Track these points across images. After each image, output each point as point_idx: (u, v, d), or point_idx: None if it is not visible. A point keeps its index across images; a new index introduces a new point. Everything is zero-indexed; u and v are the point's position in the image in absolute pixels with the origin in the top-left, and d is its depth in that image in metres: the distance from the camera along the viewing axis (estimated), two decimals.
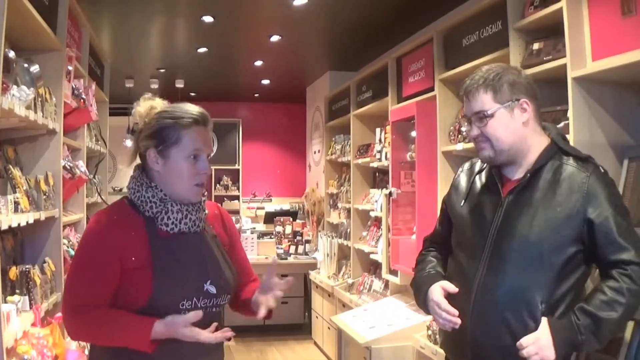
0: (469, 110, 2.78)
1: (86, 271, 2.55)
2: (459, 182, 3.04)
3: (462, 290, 2.77)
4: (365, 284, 7.37)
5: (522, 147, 2.74)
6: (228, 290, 2.73)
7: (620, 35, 3.33)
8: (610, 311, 2.48)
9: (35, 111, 3.83)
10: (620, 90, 3.66)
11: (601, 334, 2.50)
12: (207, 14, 7.00)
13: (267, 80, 11.27)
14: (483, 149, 2.77)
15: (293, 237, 10.45)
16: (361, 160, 7.71)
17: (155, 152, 2.63)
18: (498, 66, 2.79)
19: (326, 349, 8.57)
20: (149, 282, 2.51)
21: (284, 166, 13.87)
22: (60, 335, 3.81)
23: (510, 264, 2.64)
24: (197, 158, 2.64)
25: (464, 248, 2.87)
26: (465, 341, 2.74)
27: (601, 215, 2.57)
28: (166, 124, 2.62)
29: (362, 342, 5.35)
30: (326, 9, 6.91)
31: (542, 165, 2.72)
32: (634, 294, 2.50)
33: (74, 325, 2.56)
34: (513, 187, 2.74)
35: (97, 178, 6.57)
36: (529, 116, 2.73)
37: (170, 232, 2.61)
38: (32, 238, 4.35)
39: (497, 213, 2.74)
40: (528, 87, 2.76)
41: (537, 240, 2.61)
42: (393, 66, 6.63)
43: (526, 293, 2.59)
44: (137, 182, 2.66)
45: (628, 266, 2.52)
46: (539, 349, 2.50)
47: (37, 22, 3.88)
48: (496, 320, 2.64)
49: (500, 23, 4.50)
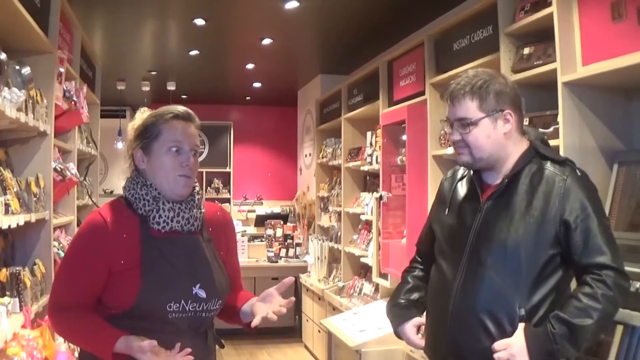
0: (453, 115, 2.78)
1: (72, 273, 2.59)
2: (443, 190, 3.07)
3: (442, 296, 2.80)
4: (356, 288, 7.37)
5: (501, 155, 2.75)
6: (219, 296, 2.71)
7: (611, 40, 3.35)
8: (585, 318, 2.47)
9: (26, 113, 3.82)
10: (610, 95, 3.68)
11: (577, 341, 2.49)
12: (198, 16, 7.00)
13: (259, 83, 11.27)
14: (462, 154, 2.78)
15: (284, 240, 10.46)
16: (352, 163, 7.71)
17: (141, 150, 2.67)
18: (485, 73, 2.78)
19: (316, 352, 8.57)
20: (136, 282, 2.51)
21: (275, 169, 13.86)
22: (50, 337, 3.81)
23: (489, 269, 2.65)
24: (179, 151, 2.65)
25: (444, 254, 2.88)
26: (445, 346, 2.76)
27: (578, 217, 2.57)
28: (148, 121, 2.68)
29: (352, 346, 5.35)
30: (318, 13, 6.92)
31: (520, 170, 2.73)
32: (609, 299, 2.50)
33: (54, 322, 2.65)
34: (492, 193, 2.76)
35: (88, 180, 6.57)
36: (511, 127, 2.73)
37: (162, 230, 2.62)
38: (22, 240, 4.35)
39: (476, 218, 2.77)
40: (514, 97, 2.76)
41: (515, 244, 2.62)
42: (384, 70, 6.64)
43: (504, 297, 2.61)
44: (132, 181, 2.69)
45: (602, 271, 2.52)
46: (510, 355, 2.51)
47: (28, 23, 3.88)
48: (475, 324, 2.65)
49: (491, 27, 4.51)
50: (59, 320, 2.61)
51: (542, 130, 3.83)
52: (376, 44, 8.10)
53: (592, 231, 2.56)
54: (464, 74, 2.81)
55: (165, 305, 2.53)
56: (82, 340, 2.58)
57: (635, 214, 3.41)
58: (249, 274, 9.80)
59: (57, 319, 2.61)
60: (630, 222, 3.41)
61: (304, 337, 9.36)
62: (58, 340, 4.02)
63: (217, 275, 2.73)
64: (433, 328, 2.89)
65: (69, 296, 2.57)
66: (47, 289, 4.29)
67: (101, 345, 2.46)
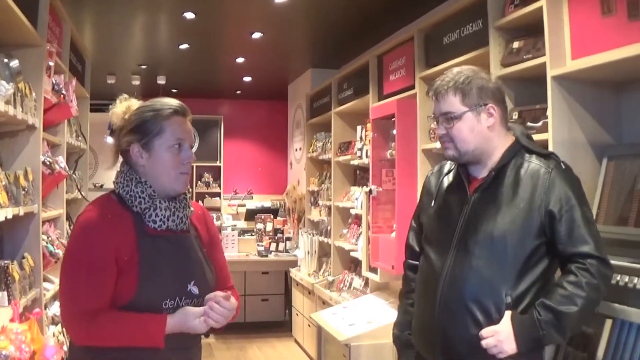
0: (437, 110, 2.88)
1: (89, 273, 2.50)
2: (429, 184, 3.15)
3: (431, 285, 2.86)
4: (346, 282, 7.38)
5: (487, 148, 2.84)
6: (209, 291, 2.70)
7: (600, 34, 3.36)
8: (570, 305, 2.56)
9: (14, 106, 3.81)
10: (600, 89, 3.69)
11: (562, 328, 2.58)
12: (188, 10, 6.99)
13: (249, 77, 11.25)
14: (448, 148, 2.88)
15: (274, 235, 10.47)
16: (342, 157, 7.72)
17: (139, 146, 2.63)
18: (469, 69, 2.87)
19: (306, 347, 8.57)
20: (134, 279, 2.51)
21: (266, 163, 13.85)
22: (38, 331, 3.80)
23: (476, 258, 2.73)
24: (180, 148, 2.66)
25: (432, 245, 2.96)
26: (433, 334, 2.83)
27: (562, 208, 2.66)
28: (147, 117, 2.64)
29: (342, 340, 5.36)
30: (308, 7, 6.92)
31: (506, 163, 2.82)
32: (593, 287, 2.59)
33: (84, 330, 2.50)
34: (479, 185, 2.85)
35: (77, 174, 6.55)
36: (495, 120, 2.82)
37: (157, 229, 2.62)
38: (11, 233, 4.34)
39: (463, 210, 2.85)
40: (496, 92, 2.85)
41: (502, 234, 2.70)
42: (374, 64, 6.64)
43: (492, 286, 2.69)
44: (126, 177, 2.66)
45: (586, 260, 2.61)
46: (498, 342, 2.59)
47: (17, 17, 3.86)
48: (463, 312, 2.72)
49: (480, 22, 4.52)
50: (91, 327, 2.47)
51: (531, 124, 3.86)
52: (366, 38, 8.10)
53: (576, 221, 2.65)
54: (448, 71, 2.89)
55: (161, 302, 2.53)
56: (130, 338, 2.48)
57: (624, 208, 3.42)
58: (239, 268, 9.81)
59: (88, 325, 2.47)
60: (619, 216, 3.43)
61: (294, 331, 9.36)
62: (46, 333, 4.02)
63: (207, 271, 2.76)
64: (422, 317, 2.95)
65: (98, 300, 2.48)
66: (35, 283, 4.29)
67: (151, 334, 2.47)
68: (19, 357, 3.41)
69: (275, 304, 10.17)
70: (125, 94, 2.80)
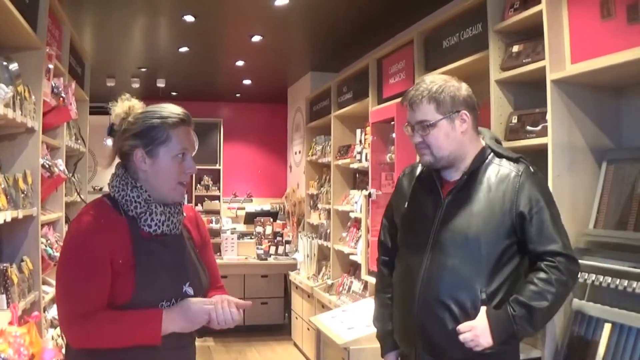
0: (413, 119, 2.98)
1: (86, 276, 2.50)
2: (402, 185, 3.26)
3: (409, 283, 2.97)
4: (345, 285, 7.37)
5: (461, 153, 2.97)
6: (203, 292, 2.75)
7: (600, 38, 3.36)
8: (542, 300, 2.70)
9: (14, 109, 3.81)
10: (600, 93, 3.70)
11: (534, 322, 2.73)
12: (188, 13, 6.98)
13: (249, 80, 11.24)
14: (424, 154, 2.99)
15: (273, 238, 10.47)
16: (341, 161, 7.72)
17: (143, 152, 2.63)
18: (440, 79, 2.99)
19: (305, 350, 8.57)
20: (130, 282, 2.51)
21: (265, 166, 13.83)
22: (37, 334, 3.80)
23: (452, 257, 2.86)
24: (184, 157, 2.68)
25: (408, 245, 3.08)
26: (414, 330, 2.95)
27: (532, 209, 2.81)
28: (154, 123, 2.64)
29: (341, 343, 5.34)
30: (307, 10, 6.91)
31: (478, 167, 2.96)
32: (562, 283, 2.74)
33: (81, 332, 2.50)
34: (452, 188, 2.97)
35: (77, 177, 6.55)
36: (468, 126, 2.95)
37: (153, 233, 2.62)
38: (9, 236, 4.33)
39: (438, 212, 2.97)
40: (468, 99, 2.96)
41: (475, 234, 2.84)
42: (374, 67, 6.64)
43: (467, 282, 2.82)
44: (121, 181, 2.65)
45: (555, 258, 2.77)
46: (475, 336, 2.71)
47: (16, 20, 3.86)
48: (440, 308, 2.84)
49: (480, 25, 4.52)
50: (88, 329, 2.48)
51: (530, 128, 3.87)
52: (366, 42, 8.10)
53: (545, 222, 2.81)
54: (421, 81, 3.00)
55: (157, 305, 2.54)
56: (127, 338, 2.49)
57: (623, 212, 3.42)
58: (239, 271, 9.82)
59: (85, 327, 2.48)
60: (618, 220, 3.44)
61: (293, 334, 9.35)
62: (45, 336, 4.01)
63: (201, 272, 2.78)
64: (401, 314, 3.07)
65: (95, 302, 2.48)
66: (34, 286, 4.28)
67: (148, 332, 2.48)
68: None
69: (274, 308, 10.17)
70: (127, 94, 2.79)
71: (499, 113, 4.18)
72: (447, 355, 2.87)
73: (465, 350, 2.75)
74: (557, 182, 3.55)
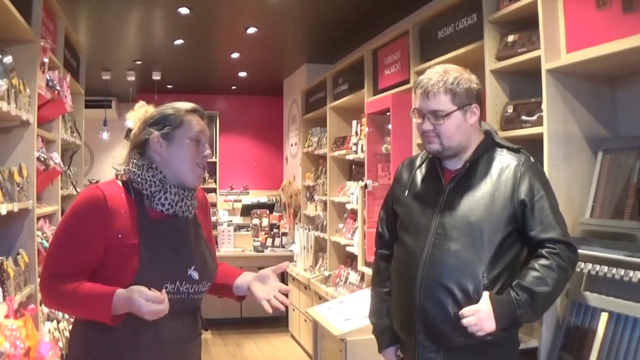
0: (426, 107, 2.98)
1: (67, 242, 2.62)
2: (401, 176, 3.27)
3: (409, 268, 2.98)
4: (342, 277, 7.38)
5: (466, 144, 3.01)
6: (209, 277, 2.82)
7: (595, 27, 3.36)
8: (543, 286, 2.75)
9: (8, 102, 3.81)
10: (595, 82, 3.69)
11: (536, 307, 2.78)
12: (183, 5, 6.96)
13: (244, 72, 11.22)
14: (432, 142, 3.00)
15: (270, 230, 10.48)
16: (337, 152, 7.72)
17: (159, 136, 2.71)
18: (454, 69, 3.01)
19: (303, 342, 8.58)
20: (134, 262, 2.57)
21: (261, 159, 13.81)
22: (33, 327, 3.79)
23: (454, 241, 2.89)
24: (199, 142, 2.76)
25: (409, 231, 3.08)
26: (414, 315, 2.94)
27: (533, 198, 2.86)
28: (168, 112, 2.76)
29: (337, 335, 5.34)
30: (303, 1, 6.91)
31: (479, 157, 3.01)
32: (563, 270, 2.79)
33: (48, 293, 2.62)
34: (454, 176, 3.01)
35: (72, 170, 6.54)
36: (476, 118, 3.00)
37: (165, 212, 2.68)
38: (5, 230, 4.33)
39: (440, 198, 3.00)
40: (479, 93, 3.02)
41: (478, 220, 2.87)
42: (369, 59, 6.64)
43: (470, 267, 2.84)
44: (136, 164, 2.72)
45: (556, 245, 2.82)
46: (478, 320, 2.72)
47: (11, 13, 3.85)
48: (443, 292, 2.86)
49: (475, 15, 4.52)
50: (53, 291, 2.59)
51: (526, 117, 3.89)
52: (361, 33, 8.09)
53: (545, 210, 2.86)
54: (433, 70, 3.02)
55: (161, 286, 2.56)
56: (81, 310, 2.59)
57: (619, 201, 3.43)
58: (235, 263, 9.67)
59: (51, 289, 2.59)
60: (614, 210, 3.44)
61: (291, 326, 9.38)
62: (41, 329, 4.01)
63: (208, 257, 2.84)
64: (401, 300, 3.06)
65: (64, 266, 2.58)
66: (30, 279, 4.28)
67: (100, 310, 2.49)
68: (13, 354, 3.41)
69: None
70: (143, 101, 2.93)
71: (494, 103, 4.18)
72: (449, 341, 2.87)
73: (467, 335, 2.77)
74: (553, 172, 3.54)
